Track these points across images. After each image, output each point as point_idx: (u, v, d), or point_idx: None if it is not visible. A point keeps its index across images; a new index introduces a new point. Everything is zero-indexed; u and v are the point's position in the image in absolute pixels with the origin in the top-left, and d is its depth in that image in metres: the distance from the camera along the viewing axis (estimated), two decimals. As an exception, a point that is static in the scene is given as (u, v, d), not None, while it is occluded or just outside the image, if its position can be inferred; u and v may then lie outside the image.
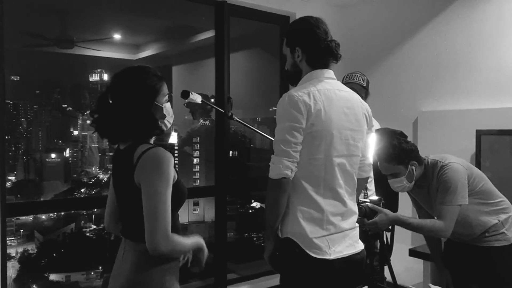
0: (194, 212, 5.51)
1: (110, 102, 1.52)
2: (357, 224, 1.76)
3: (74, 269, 4.38)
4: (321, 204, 1.64)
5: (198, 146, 5.14)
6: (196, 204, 5.46)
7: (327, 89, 1.69)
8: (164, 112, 1.57)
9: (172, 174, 1.46)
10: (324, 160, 1.65)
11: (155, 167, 1.42)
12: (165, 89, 1.58)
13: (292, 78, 1.77)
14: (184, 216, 5.39)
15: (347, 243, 1.68)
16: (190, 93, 2.42)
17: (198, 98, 2.45)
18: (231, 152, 3.90)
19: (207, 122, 5.21)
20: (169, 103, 1.61)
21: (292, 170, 1.61)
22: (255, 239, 5.33)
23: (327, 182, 1.66)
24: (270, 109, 4.53)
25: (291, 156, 1.61)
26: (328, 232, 1.63)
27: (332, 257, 1.63)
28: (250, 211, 5.53)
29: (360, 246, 1.74)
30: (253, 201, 5.44)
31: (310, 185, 1.65)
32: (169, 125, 1.63)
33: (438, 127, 3.12)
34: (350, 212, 1.72)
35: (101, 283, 4.73)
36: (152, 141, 1.56)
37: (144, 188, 1.42)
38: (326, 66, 1.75)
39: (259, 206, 5.45)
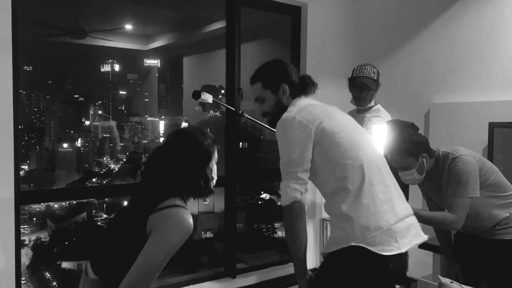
0: (204, 202, 5.54)
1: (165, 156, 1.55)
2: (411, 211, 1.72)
3: (85, 257, 4.44)
4: (375, 198, 1.60)
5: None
6: (206, 194, 5.49)
7: (318, 105, 1.76)
8: (212, 174, 1.61)
9: (180, 244, 1.44)
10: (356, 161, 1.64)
11: (175, 229, 1.40)
12: (216, 154, 1.63)
13: (277, 117, 1.74)
14: (194, 206, 5.43)
15: (412, 233, 1.64)
16: (202, 94, 2.43)
17: (209, 98, 2.46)
18: (240, 143, 3.91)
19: (217, 114, 5.22)
20: (216, 166, 1.64)
21: (301, 192, 1.60)
22: (264, 230, 5.36)
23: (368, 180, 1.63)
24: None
25: (298, 178, 1.60)
26: (389, 224, 1.58)
27: (403, 250, 1.58)
28: (260, 202, 5.55)
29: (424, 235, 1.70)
30: (262, 192, 5.45)
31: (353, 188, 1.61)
32: (212, 186, 1.64)
33: (450, 120, 3.09)
34: (400, 196, 1.71)
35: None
36: (187, 203, 1.55)
37: (152, 239, 1.40)
38: (308, 93, 1.82)
39: (268, 198, 5.47)
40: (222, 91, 3.52)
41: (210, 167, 1.59)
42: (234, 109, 2.66)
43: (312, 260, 3.50)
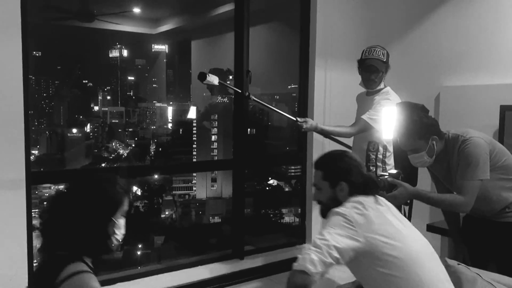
0: (212, 188, 5.59)
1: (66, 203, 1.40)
2: None
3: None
4: None
5: (216, 123, 5.18)
6: (214, 180, 5.53)
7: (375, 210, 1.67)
8: (115, 228, 1.42)
9: None
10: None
11: None
12: (126, 204, 1.45)
13: (327, 210, 1.70)
14: (202, 192, 5.47)
15: None
16: (207, 75, 2.41)
17: (215, 80, 2.45)
18: (248, 129, 3.91)
19: (225, 99, 5.22)
20: (123, 219, 1.46)
21: (317, 270, 1.47)
22: (271, 215, 5.39)
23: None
24: (289, 87, 4.51)
25: (324, 258, 1.50)
26: None
27: None
28: (267, 188, 5.57)
29: None
30: (270, 178, 5.48)
31: None
32: (117, 243, 1.46)
33: (460, 103, 3.06)
34: None
35: (120, 255, 4.86)
36: (89, 260, 1.42)
37: None
38: (368, 195, 1.73)
39: (276, 184, 5.49)
40: (231, 77, 3.51)
41: (114, 220, 1.41)
42: (240, 91, 2.65)
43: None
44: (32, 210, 2.67)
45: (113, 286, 2.74)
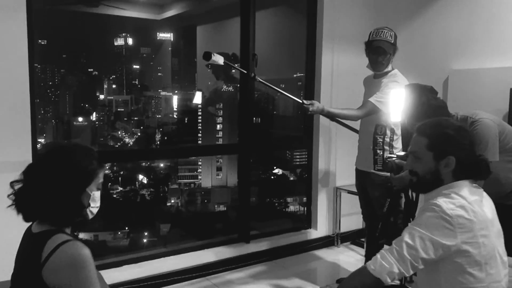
0: (217, 177, 5.59)
1: (40, 174, 1.38)
2: None
3: (102, 229, 4.53)
4: None
5: (222, 112, 5.16)
6: (219, 169, 5.53)
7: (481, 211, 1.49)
8: (90, 201, 1.42)
9: (96, 273, 1.35)
10: None
11: (78, 272, 1.30)
12: (101, 176, 1.45)
13: (424, 184, 1.55)
14: (208, 180, 5.47)
15: None
16: (212, 55, 2.39)
17: (220, 60, 2.42)
18: (254, 118, 3.89)
19: (231, 88, 5.20)
20: (99, 192, 1.46)
21: (392, 282, 1.41)
22: (276, 204, 5.39)
23: None
24: (295, 75, 4.47)
25: (404, 268, 1.40)
26: None
27: None
28: (272, 177, 5.56)
29: None
30: (275, 167, 5.46)
31: None
32: (91, 216, 1.46)
33: (470, 86, 3.02)
34: None
35: (127, 243, 4.89)
36: (69, 230, 1.42)
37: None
38: (476, 181, 1.56)
39: (281, 173, 5.47)
40: (237, 65, 3.48)
41: (88, 192, 1.41)
42: (245, 71, 2.63)
43: (327, 228, 3.52)
44: None
45: (119, 269, 2.77)
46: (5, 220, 2.28)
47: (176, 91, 5.91)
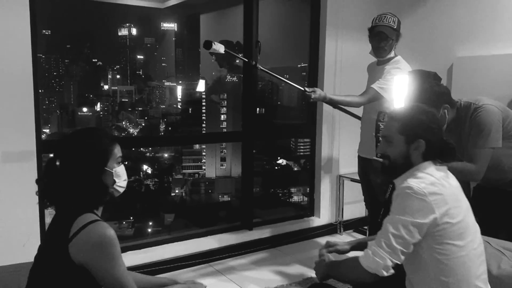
0: (222, 167, 5.61)
1: (58, 167, 1.43)
2: None
3: (107, 218, 4.56)
4: None
5: (226, 102, 5.16)
6: (223, 159, 5.55)
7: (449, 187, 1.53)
8: (114, 178, 1.46)
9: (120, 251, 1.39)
10: None
11: (105, 251, 1.35)
12: (117, 151, 1.47)
13: (395, 167, 1.59)
14: (212, 171, 5.50)
15: None
16: (213, 43, 2.38)
17: (221, 48, 2.40)
18: (257, 109, 3.89)
19: (235, 79, 5.19)
20: (122, 166, 1.49)
21: (388, 273, 1.46)
22: (280, 194, 5.41)
23: None
24: (299, 65, 4.45)
25: (396, 259, 1.45)
26: None
27: None
28: (276, 167, 5.58)
29: None
30: (279, 158, 5.47)
31: None
32: (121, 190, 1.51)
33: (474, 74, 2.99)
34: None
35: (132, 232, 4.93)
36: (99, 212, 1.46)
37: (98, 274, 1.37)
38: (441, 160, 1.59)
39: (285, 163, 5.49)
40: (241, 54, 3.47)
41: (108, 170, 1.44)
42: (247, 60, 2.62)
43: (330, 215, 3.53)
44: None
45: (123, 255, 2.79)
46: (22, 204, 2.33)
47: (180, 81, 5.91)
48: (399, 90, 2.43)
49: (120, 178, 1.48)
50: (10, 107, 2.34)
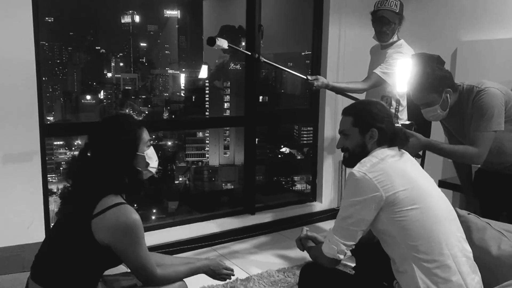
0: (225, 155, 5.62)
1: (90, 157, 1.49)
2: None
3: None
4: None
5: (229, 90, 5.15)
6: (226, 148, 5.56)
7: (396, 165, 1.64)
8: (147, 160, 1.52)
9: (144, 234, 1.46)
10: None
11: (130, 235, 1.41)
12: (145, 135, 1.53)
13: (354, 158, 1.71)
14: (215, 159, 5.51)
15: None
16: (216, 39, 2.42)
17: (224, 44, 2.44)
18: (260, 97, 3.88)
19: (238, 67, 5.18)
20: (151, 148, 1.56)
21: (345, 254, 1.62)
22: (283, 183, 5.42)
23: None
24: (303, 53, 4.44)
25: (349, 240, 1.59)
26: None
27: None
28: (279, 156, 5.58)
29: None
30: (282, 146, 5.48)
31: None
32: (154, 171, 1.59)
33: (479, 58, 2.98)
34: None
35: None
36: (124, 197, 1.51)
37: (121, 254, 1.44)
38: (394, 145, 1.71)
39: (288, 151, 5.49)
40: (243, 43, 3.46)
41: (140, 154, 1.50)
42: (250, 53, 2.63)
43: (331, 200, 3.55)
44: (49, 175, 2.74)
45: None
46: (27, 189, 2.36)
47: (183, 69, 5.90)
48: (402, 74, 2.43)
49: (152, 160, 1.55)
50: (14, 95, 2.36)
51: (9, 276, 1.74)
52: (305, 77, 2.56)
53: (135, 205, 5.08)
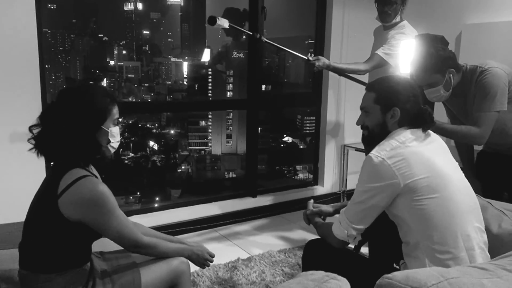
0: (227, 144, 5.63)
1: (55, 116, 1.43)
2: None
3: (114, 193, 4.61)
4: None
5: (232, 79, 5.14)
6: (229, 136, 5.57)
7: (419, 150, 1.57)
8: (109, 137, 1.48)
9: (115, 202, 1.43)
10: None
11: (99, 207, 1.38)
12: (115, 112, 1.49)
13: (374, 136, 1.65)
14: (218, 148, 5.52)
15: None
16: (217, 19, 2.40)
17: (225, 23, 2.43)
18: (264, 86, 3.88)
19: (241, 55, 5.16)
20: (117, 127, 1.52)
21: (354, 238, 1.60)
22: (286, 172, 5.43)
23: None
24: (306, 42, 4.42)
25: (360, 225, 1.57)
26: None
27: None
28: (282, 145, 5.58)
29: None
30: (285, 135, 5.47)
31: None
32: (113, 150, 1.53)
33: (484, 41, 2.95)
34: None
35: (139, 207, 4.98)
36: (94, 171, 1.49)
37: (95, 228, 1.41)
38: (417, 127, 1.62)
39: (291, 141, 5.49)
40: (246, 28, 3.43)
41: (104, 129, 1.46)
42: (251, 33, 2.62)
43: (333, 184, 3.56)
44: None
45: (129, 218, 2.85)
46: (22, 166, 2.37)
47: (186, 57, 5.89)
48: (405, 55, 2.42)
49: (115, 138, 1.50)
50: (15, 83, 2.36)
51: (15, 250, 1.75)
52: (306, 58, 2.55)
53: (138, 193, 5.11)
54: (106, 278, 1.52)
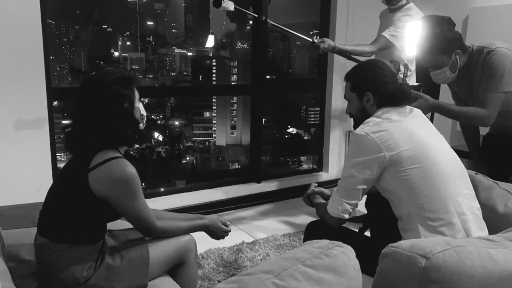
0: (232, 135, 5.63)
1: (84, 114, 1.53)
2: None
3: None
4: None
5: (236, 70, 5.13)
6: (233, 128, 5.57)
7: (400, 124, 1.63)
8: (141, 113, 1.60)
9: (140, 186, 1.50)
10: None
11: (126, 188, 1.45)
12: (136, 91, 1.59)
13: (359, 122, 1.70)
14: (222, 139, 5.52)
15: None
16: (222, 1, 2.40)
17: (230, 6, 2.43)
18: (268, 76, 3.85)
19: (245, 46, 5.14)
20: (140, 103, 1.62)
21: (350, 213, 1.64)
22: (290, 163, 5.43)
23: None
24: (311, 32, 4.39)
25: (353, 199, 1.62)
26: None
27: None
28: (286, 136, 5.58)
29: None
30: (289, 126, 5.47)
31: None
32: (144, 125, 1.65)
33: (490, 24, 2.92)
34: None
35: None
36: (123, 151, 1.57)
37: (118, 207, 1.48)
38: (397, 106, 1.69)
39: (295, 132, 5.48)
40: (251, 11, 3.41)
41: (136, 107, 1.57)
42: (257, 15, 2.61)
43: (338, 170, 3.55)
44: (57, 154, 2.76)
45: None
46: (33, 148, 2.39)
47: (190, 48, 5.88)
48: (411, 37, 2.40)
49: (144, 112, 1.63)
50: (20, 74, 2.37)
51: (20, 230, 1.80)
52: (311, 40, 2.54)
53: (143, 184, 5.13)
54: (115, 253, 1.57)
